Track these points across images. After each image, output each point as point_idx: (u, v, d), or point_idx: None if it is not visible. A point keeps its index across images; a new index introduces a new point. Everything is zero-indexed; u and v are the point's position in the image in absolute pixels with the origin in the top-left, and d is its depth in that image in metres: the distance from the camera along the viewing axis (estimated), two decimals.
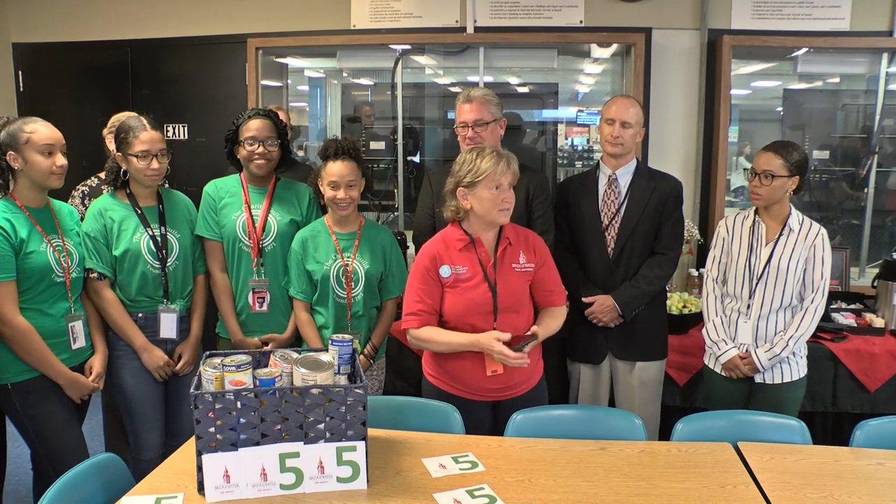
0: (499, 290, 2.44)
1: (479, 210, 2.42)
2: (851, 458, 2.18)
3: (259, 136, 2.82)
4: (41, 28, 4.72)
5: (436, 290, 2.46)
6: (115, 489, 1.96)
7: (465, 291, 2.43)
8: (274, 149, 2.85)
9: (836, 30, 4.07)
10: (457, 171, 2.45)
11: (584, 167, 5.35)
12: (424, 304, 2.44)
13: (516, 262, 2.49)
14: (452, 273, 2.44)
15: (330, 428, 1.93)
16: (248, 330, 2.91)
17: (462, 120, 2.89)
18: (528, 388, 2.54)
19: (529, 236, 2.58)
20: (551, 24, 4.26)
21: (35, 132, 2.45)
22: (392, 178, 4.94)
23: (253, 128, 2.81)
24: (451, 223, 2.53)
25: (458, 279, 2.44)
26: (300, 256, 2.79)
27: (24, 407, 2.49)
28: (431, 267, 2.45)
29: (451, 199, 2.49)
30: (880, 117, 4.32)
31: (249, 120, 2.83)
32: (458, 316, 2.44)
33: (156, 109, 4.36)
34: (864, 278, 4.28)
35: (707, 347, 2.97)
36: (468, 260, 2.45)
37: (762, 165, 2.76)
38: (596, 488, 1.97)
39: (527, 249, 2.53)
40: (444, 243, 2.49)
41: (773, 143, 2.85)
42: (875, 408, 3.31)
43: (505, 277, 2.46)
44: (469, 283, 2.44)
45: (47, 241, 2.51)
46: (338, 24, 4.39)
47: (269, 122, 2.86)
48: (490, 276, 2.45)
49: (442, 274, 2.44)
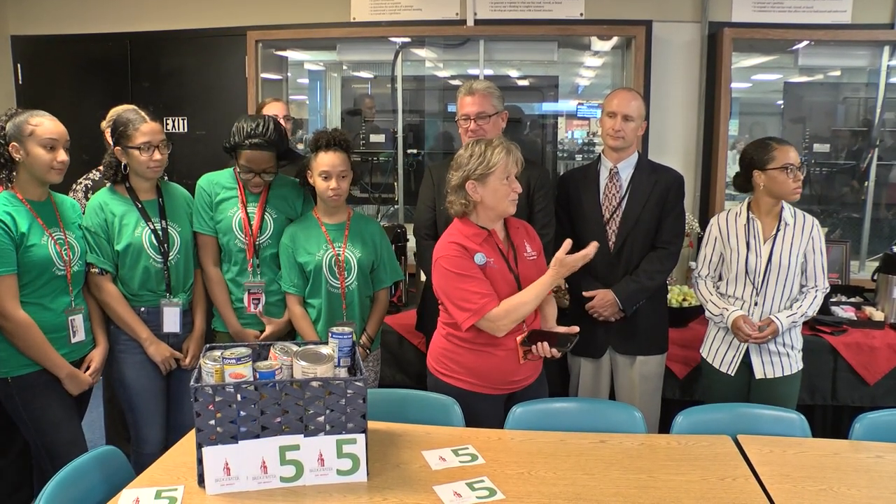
0: (521, 278, 2.46)
1: (489, 202, 2.40)
2: (851, 451, 2.18)
3: (255, 169, 2.75)
4: (40, 21, 4.71)
5: (481, 272, 2.39)
6: (115, 482, 1.96)
7: (497, 284, 2.41)
8: (270, 178, 2.80)
9: (838, 22, 4.06)
10: (465, 165, 2.40)
11: (584, 160, 5.34)
12: (486, 285, 2.38)
13: (525, 251, 2.52)
14: (487, 262, 2.40)
15: (330, 420, 1.93)
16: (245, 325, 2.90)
17: (464, 112, 2.88)
18: (535, 378, 2.57)
19: (527, 227, 2.61)
20: (552, 17, 4.25)
21: (39, 125, 2.44)
22: (392, 171, 4.93)
23: (250, 159, 2.73)
24: (460, 219, 2.48)
25: (491, 269, 2.41)
26: (291, 250, 2.79)
27: (24, 401, 2.49)
28: (467, 254, 2.39)
29: (457, 194, 2.44)
30: (881, 111, 4.31)
31: (246, 150, 2.72)
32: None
33: (155, 102, 4.34)
34: (864, 272, 4.28)
35: (713, 322, 2.94)
36: (492, 251, 2.44)
37: (796, 159, 2.75)
38: (596, 481, 1.98)
39: (529, 239, 2.56)
40: (464, 237, 2.43)
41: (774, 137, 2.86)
42: (874, 401, 3.31)
43: (523, 266, 2.49)
44: (498, 276, 2.42)
45: (48, 234, 2.50)
46: (338, 16, 4.39)
47: (267, 153, 2.74)
48: (513, 266, 2.46)
49: (477, 261, 2.39)
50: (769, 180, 2.77)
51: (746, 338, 2.80)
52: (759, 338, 2.78)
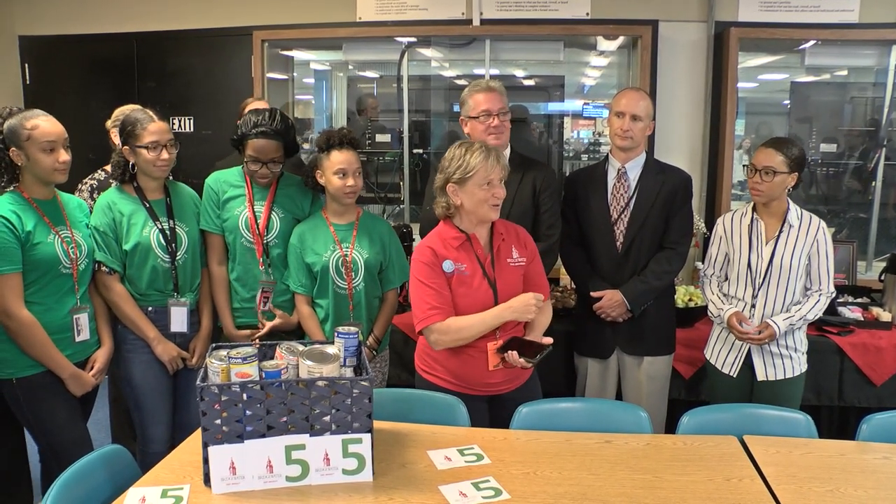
0: (498, 286, 2.42)
1: (468, 206, 2.39)
2: (857, 451, 2.18)
3: (262, 159, 2.75)
4: (47, 21, 4.73)
5: (445, 282, 2.41)
6: (121, 481, 1.97)
7: (467, 289, 2.41)
8: (277, 169, 2.80)
9: (845, 22, 4.05)
10: (446, 168, 2.40)
11: (589, 160, 5.33)
12: (442, 297, 2.38)
13: (510, 257, 2.47)
14: (455, 269, 2.41)
15: (336, 420, 1.93)
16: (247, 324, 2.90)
17: (486, 108, 2.83)
18: (521, 382, 2.54)
19: (519, 231, 2.56)
20: (557, 17, 4.26)
21: (35, 129, 2.41)
22: (398, 171, 4.93)
23: (257, 148, 2.74)
24: (443, 221, 2.48)
25: (460, 276, 2.41)
26: (299, 250, 2.79)
27: (29, 402, 2.50)
28: (435, 261, 2.40)
29: (441, 196, 2.44)
30: (888, 110, 4.29)
31: (254, 139, 2.73)
32: (460, 313, 2.42)
33: (161, 102, 4.35)
34: (871, 272, 4.27)
35: (715, 321, 2.94)
36: (467, 257, 2.43)
37: (763, 161, 2.73)
38: (601, 481, 1.97)
39: (518, 244, 2.51)
40: (441, 241, 2.45)
41: (771, 139, 2.83)
42: (881, 402, 3.30)
43: (502, 273, 2.44)
44: (470, 281, 2.41)
45: (55, 231, 2.50)
46: (343, 16, 4.40)
47: (274, 142, 2.74)
48: (489, 273, 2.43)
49: (445, 269, 2.40)
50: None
51: (740, 335, 2.80)
52: (756, 340, 2.78)
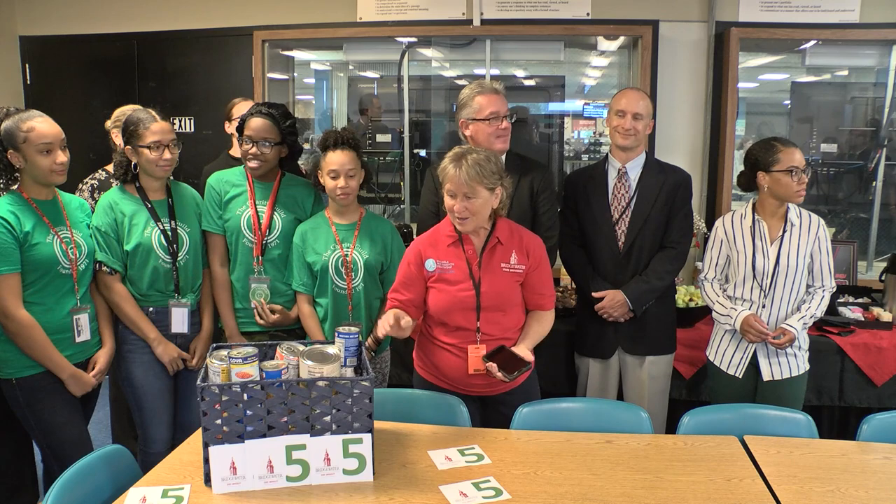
0: (483, 288, 2.41)
1: (447, 210, 2.41)
2: (858, 452, 2.18)
3: (254, 137, 2.77)
4: (48, 21, 4.73)
5: (417, 284, 2.45)
6: (122, 480, 1.97)
7: (449, 288, 2.42)
8: (267, 150, 2.78)
9: (845, 22, 4.05)
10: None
11: (590, 160, 5.33)
12: (401, 294, 2.46)
13: (506, 262, 2.44)
14: (438, 268, 2.43)
15: (336, 420, 1.93)
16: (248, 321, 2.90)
17: (494, 110, 2.81)
18: (509, 388, 2.48)
19: (525, 237, 2.50)
20: (558, 17, 4.25)
21: (32, 131, 2.40)
22: (398, 171, 4.93)
23: (252, 126, 2.78)
24: (447, 217, 2.49)
25: (443, 275, 2.42)
26: (301, 249, 2.80)
27: (29, 402, 2.50)
28: (416, 261, 2.45)
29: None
30: (889, 110, 4.29)
31: (251, 117, 2.79)
32: (441, 311, 2.44)
33: (162, 102, 4.36)
34: (872, 272, 4.27)
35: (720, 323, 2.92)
36: (455, 256, 2.44)
37: (801, 161, 2.74)
38: (602, 481, 1.98)
39: (519, 250, 2.46)
40: (435, 237, 2.49)
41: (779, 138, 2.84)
42: (882, 402, 3.30)
43: (491, 276, 2.42)
44: (453, 280, 2.42)
45: (54, 232, 2.50)
46: (344, 16, 4.40)
47: (269, 122, 2.78)
48: (475, 275, 2.42)
49: (427, 268, 2.43)
50: (773, 182, 2.76)
51: (759, 337, 2.79)
52: (778, 345, 2.78)
